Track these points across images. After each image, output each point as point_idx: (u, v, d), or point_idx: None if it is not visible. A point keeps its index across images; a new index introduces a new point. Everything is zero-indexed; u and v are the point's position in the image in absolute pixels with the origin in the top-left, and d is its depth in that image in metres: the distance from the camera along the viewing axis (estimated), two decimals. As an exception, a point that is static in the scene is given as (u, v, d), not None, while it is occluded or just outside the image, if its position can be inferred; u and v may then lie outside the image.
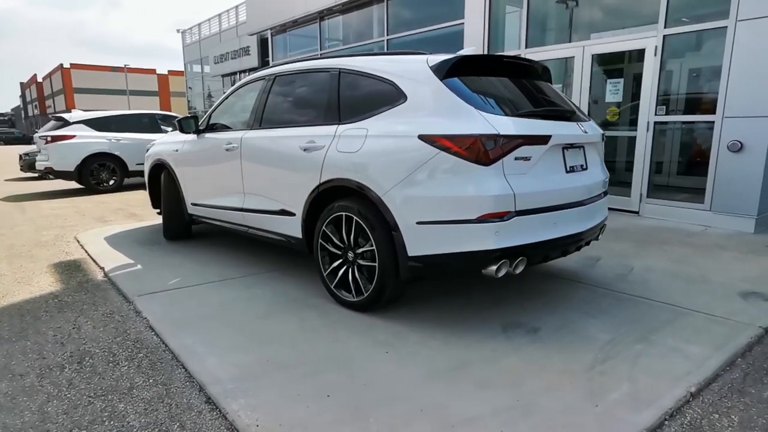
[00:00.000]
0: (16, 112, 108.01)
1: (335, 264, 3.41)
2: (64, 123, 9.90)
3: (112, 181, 10.06)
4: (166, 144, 5.29)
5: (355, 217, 3.18)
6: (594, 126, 3.57)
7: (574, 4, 7.36)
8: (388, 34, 10.71)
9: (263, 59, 19.63)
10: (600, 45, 6.82)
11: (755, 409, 2.25)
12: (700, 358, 2.65)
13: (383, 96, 3.18)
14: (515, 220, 2.77)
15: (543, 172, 2.95)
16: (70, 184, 10.59)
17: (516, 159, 2.80)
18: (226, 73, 23.86)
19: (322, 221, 3.43)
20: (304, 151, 3.50)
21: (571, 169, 3.18)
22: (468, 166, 2.74)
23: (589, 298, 3.53)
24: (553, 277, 4.00)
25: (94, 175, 9.87)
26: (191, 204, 4.97)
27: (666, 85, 6.28)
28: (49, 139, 9.65)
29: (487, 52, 8.17)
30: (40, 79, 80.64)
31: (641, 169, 6.44)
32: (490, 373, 2.51)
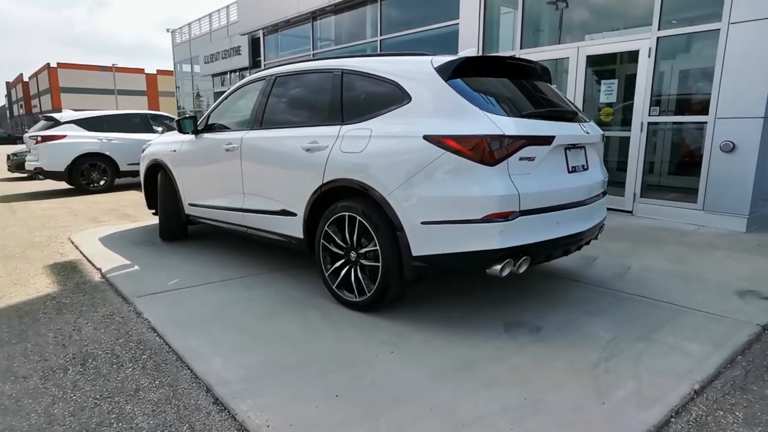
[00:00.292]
0: (1, 111, 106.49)
1: (337, 264, 3.41)
2: (55, 123, 9.77)
3: (102, 182, 9.96)
4: (163, 144, 5.25)
5: (358, 218, 3.18)
6: (594, 127, 3.60)
7: (568, 6, 7.42)
8: (381, 34, 10.72)
9: (254, 59, 19.55)
10: (594, 46, 6.89)
11: (758, 405, 2.29)
12: (702, 356, 2.69)
13: (387, 96, 3.19)
14: (519, 220, 2.79)
15: (546, 172, 2.98)
16: (60, 185, 10.46)
17: (520, 159, 2.82)
18: (216, 73, 23.75)
19: (324, 221, 3.42)
20: (307, 151, 3.50)
21: (573, 170, 3.21)
22: (473, 166, 2.75)
23: (588, 297, 3.57)
24: (552, 277, 4.03)
25: (84, 176, 9.76)
26: (188, 204, 4.94)
27: (659, 86, 6.36)
28: (39, 139, 9.53)
29: (482, 53, 8.21)
30: (26, 79, 79.60)
31: (635, 169, 6.51)
32: (496, 372, 2.53)
